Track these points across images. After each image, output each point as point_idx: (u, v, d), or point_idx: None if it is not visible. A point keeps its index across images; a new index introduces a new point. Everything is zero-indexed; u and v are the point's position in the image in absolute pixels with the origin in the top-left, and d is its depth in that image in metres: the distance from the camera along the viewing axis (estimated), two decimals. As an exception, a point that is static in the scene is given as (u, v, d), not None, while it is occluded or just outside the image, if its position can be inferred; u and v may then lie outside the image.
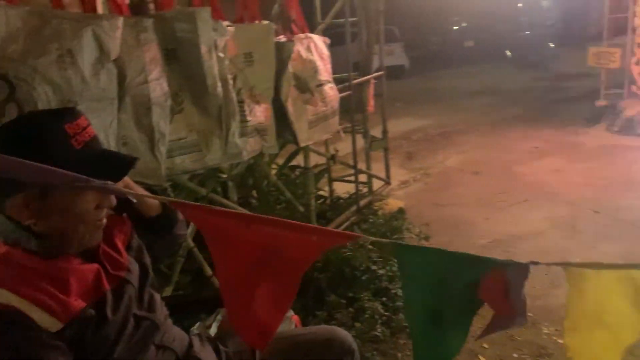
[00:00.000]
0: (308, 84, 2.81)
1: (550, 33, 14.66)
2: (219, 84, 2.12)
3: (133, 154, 1.78)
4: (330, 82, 3.07)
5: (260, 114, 2.48)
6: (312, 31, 3.23)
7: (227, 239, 1.06)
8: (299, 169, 4.22)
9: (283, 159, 4.25)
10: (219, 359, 1.58)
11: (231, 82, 2.24)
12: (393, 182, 5.15)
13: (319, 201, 4.16)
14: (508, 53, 16.73)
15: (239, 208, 2.81)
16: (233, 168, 2.91)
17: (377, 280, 3.08)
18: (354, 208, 4.13)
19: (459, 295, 1.05)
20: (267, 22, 2.58)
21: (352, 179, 4.35)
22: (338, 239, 1.16)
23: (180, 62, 2.06)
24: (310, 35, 2.98)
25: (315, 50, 2.92)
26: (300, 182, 3.95)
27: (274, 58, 2.56)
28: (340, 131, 3.32)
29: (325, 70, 3.00)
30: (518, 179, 5.59)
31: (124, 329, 1.27)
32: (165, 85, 1.93)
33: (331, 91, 3.06)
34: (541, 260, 1.10)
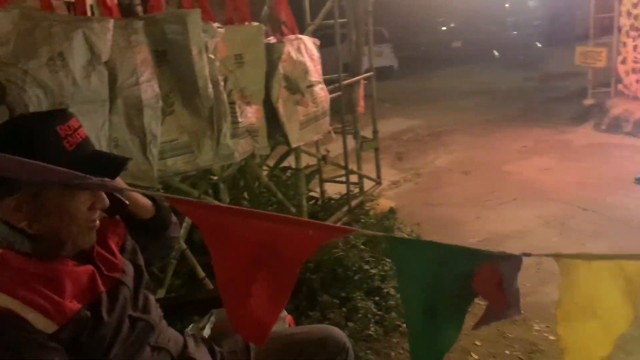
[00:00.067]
0: (298, 85, 2.82)
1: (537, 33, 14.84)
2: (209, 85, 2.12)
3: (125, 155, 1.78)
4: (321, 83, 3.08)
5: (252, 115, 2.48)
6: (302, 32, 3.23)
7: (224, 234, 1.07)
8: (290, 170, 4.22)
9: (273, 160, 4.25)
10: (213, 359, 1.59)
11: (222, 84, 2.24)
12: (384, 183, 5.16)
13: (311, 202, 4.17)
14: (496, 53, 16.86)
15: (231, 209, 2.80)
16: (225, 169, 2.91)
17: (370, 279, 3.08)
18: (345, 208, 4.15)
19: (453, 287, 1.06)
20: (257, 24, 2.57)
21: (343, 180, 4.36)
22: (334, 233, 1.17)
23: (171, 64, 2.05)
24: (300, 36, 2.98)
25: (306, 51, 2.92)
26: (291, 183, 3.95)
27: (264, 59, 2.56)
28: (332, 132, 3.32)
29: (315, 71, 3.01)
30: (507, 178, 5.62)
31: (120, 330, 1.27)
32: (157, 87, 1.93)
33: (322, 92, 3.07)
34: (532, 257, 1.11)
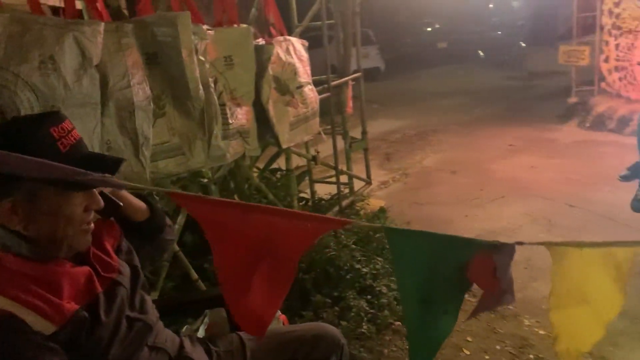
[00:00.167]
0: (288, 86, 2.83)
1: (521, 33, 14.94)
2: (200, 87, 2.13)
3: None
4: (310, 84, 3.09)
5: (242, 116, 2.49)
6: (290, 34, 3.25)
7: (224, 228, 1.08)
8: (280, 172, 4.23)
9: (263, 163, 4.26)
10: (210, 359, 1.60)
11: (212, 86, 2.25)
12: (373, 183, 5.19)
13: (301, 203, 4.18)
14: (481, 53, 16.99)
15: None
16: (216, 171, 2.92)
17: (362, 278, 3.10)
18: (336, 209, 4.16)
19: (449, 276, 1.09)
20: (246, 26, 2.58)
21: (333, 180, 4.38)
22: (331, 225, 1.19)
23: (162, 66, 2.05)
24: (288, 37, 3.00)
25: (294, 52, 2.94)
26: (281, 185, 3.96)
27: (254, 61, 2.57)
28: (322, 132, 3.34)
29: (304, 72, 3.02)
30: (494, 176, 5.68)
31: (117, 331, 1.28)
32: (148, 89, 1.93)
33: (311, 93, 3.08)
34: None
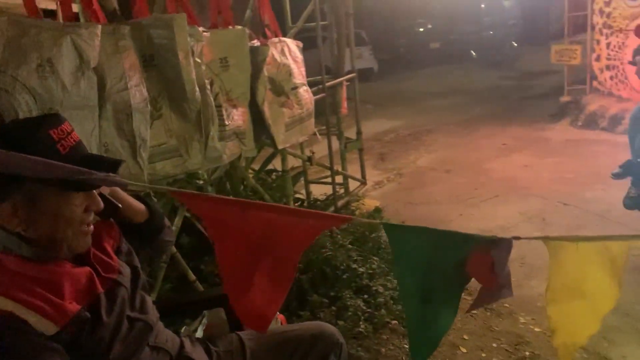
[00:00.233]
0: (283, 87, 2.84)
1: (513, 32, 15.00)
2: (197, 89, 2.14)
3: (116, 159, 1.78)
4: (305, 85, 3.10)
5: (238, 117, 2.50)
6: (284, 35, 3.26)
7: (226, 225, 1.10)
8: (275, 173, 4.24)
9: (257, 164, 4.26)
10: (210, 359, 1.61)
11: (208, 87, 2.25)
12: (367, 183, 5.21)
13: (297, 204, 4.19)
14: (473, 53, 17.04)
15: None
16: (212, 173, 2.92)
17: (358, 278, 3.11)
18: (331, 209, 4.17)
19: (448, 271, 1.10)
20: (241, 27, 2.58)
21: (328, 181, 4.39)
22: (332, 222, 1.22)
23: (158, 68, 2.06)
24: (283, 39, 3.00)
25: (289, 53, 2.95)
26: (277, 186, 3.96)
27: (249, 62, 2.58)
28: (317, 133, 3.35)
29: (299, 73, 3.03)
30: (488, 175, 5.71)
31: (119, 331, 1.29)
32: (145, 91, 1.94)
33: (306, 94, 3.09)
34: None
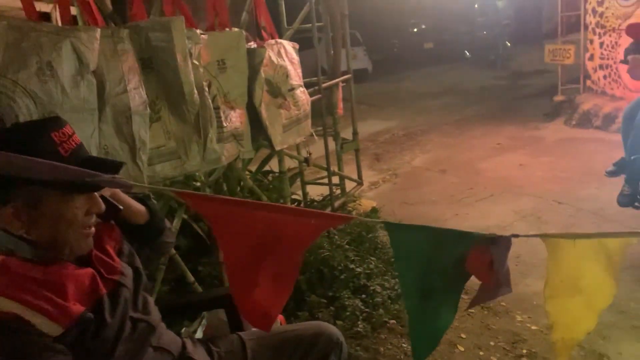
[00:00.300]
0: (280, 89, 2.85)
1: (506, 32, 15.02)
2: (195, 91, 2.15)
3: (116, 161, 1.79)
4: (302, 86, 3.11)
5: (236, 119, 2.51)
6: (280, 37, 3.27)
7: (232, 225, 1.11)
8: (272, 174, 4.25)
9: (254, 166, 4.27)
10: (211, 359, 1.62)
11: (207, 89, 2.27)
12: (363, 184, 5.22)
13: (294, 205, 4.20)
14: (467, 53, 17.09)
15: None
16: (209, 174, 2.93)
17: (356, 278, 3.13)
18: (328, 210, 4.19)
19: (448, 269, 1.12)
20: (238, 30, 2.60)
21: (325, 182, 4.41)
22: (334, 221, 1.24)
23: (157, 71, 2.07)
24: (280, 40, 3.02)
25: (286, 55, 2.96)
26: (273, 187, 3.97)
27: (246, 64, 2.59)
28: (314, 134, 3.37)
29: (296, 74, 3.05)
30: (483, 175, 5.73)
31: (122, 331, 1.30)
32: (144, 94, 1.95)
33: (303, 95, 3.11)
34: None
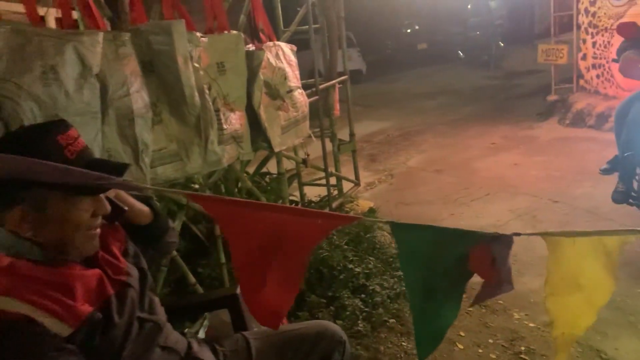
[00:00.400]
0: (279, 91, 2.87)
1: (499, 33, 15.11)
2: (196, 93, 2.17)
3: (119, 164, 1.81)
4: (300, 88, 3.13)
5: (236, 121, 2.52)
6: (277, 40, 3.29)
7: (242, 226, 1.14)
8: (269, 175, 4.26)
9: (251, 168, 4.29)
10: (217, 359, 1.64)
11: (207, 92, 2.28)
12: (360, 184, 5.25)
13: (291, 205, 4.22)
14: (460, 54, 17.17)
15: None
16: (209, 177, 2.95)
17: (355, 278, 3.15)
18: (326, 210, 4.21)
19: (451, 267, 1.15)
20: (237, 32, 2.61)
21: (322, 183, 4.42)
22: (340, 221, 1.27)
23: (157, 74, 2.08)
24: (278, 43, 3.04)
25: (284, 57, 2.98)
26: (271, 188, 3.99)
27: (245, 67, 2.61)
28: (312, 135, 3.39)
29: (294, 76, 3.06)
30: (478, 174, 5.76)
31: (130, 331, 1.31)
32: (146, 97, 1.97)
33: (301, 97, 3.13)
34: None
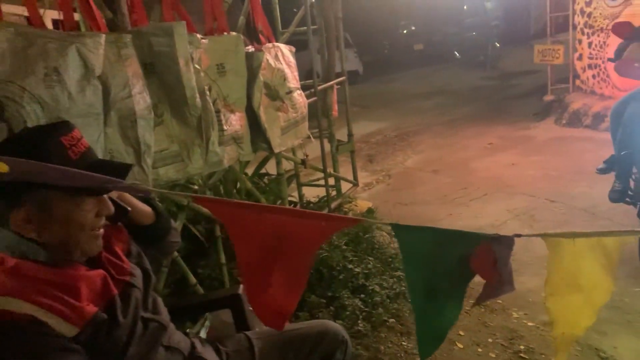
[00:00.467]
0: (278, 92, 2.88)
1: (495, 33, 15.15)
2: (197, 95, 2.18)
3: (121, 166, 1.82)
4: (299, 89, 3.14)
5: (236, 122, 2.54)
6: (276, 41, 3.30)
7: (246, 227, 1.15)
8: (267, 176, 4.28)
9: (250, 169, 4.30)
10: (220, 358, 1.65)
11: (208, 93, 2.30)
12: (359, 185, 5.26)
13: (290, 206, 4.22)
14: (457, 54, 17.21)
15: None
16: (208, 178, 2.96)
17: (354, 278, 3.16)
18: (325, 211, 4.22)
19: (453, 268, 1.17)
20: (237, 34, 2.62)
21: (320, 183, 4.43)
22: (344, 223, 1.29)
23: (159, 75, 2.09)
24: (277, 44, 3.05)
25: (283, 58, 2.99)
26: (270, 189, 4.00)
27: (245, 68, 2.62)
28: (311, 136, 3.40)
29: (293, 77, 3.07)
30: (476, 174, 5.79)
31: (134, 331, 1.32)
32: (148, 98, 1.98)
33: (300, 98, 3.14)
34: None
